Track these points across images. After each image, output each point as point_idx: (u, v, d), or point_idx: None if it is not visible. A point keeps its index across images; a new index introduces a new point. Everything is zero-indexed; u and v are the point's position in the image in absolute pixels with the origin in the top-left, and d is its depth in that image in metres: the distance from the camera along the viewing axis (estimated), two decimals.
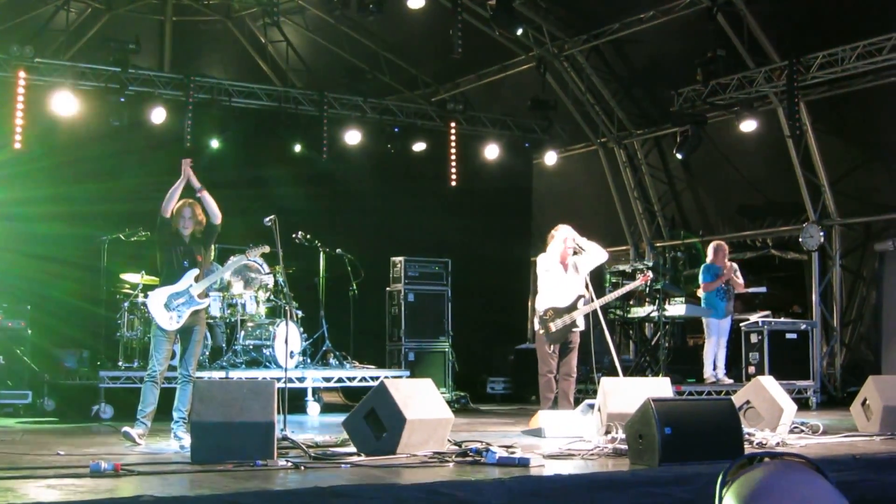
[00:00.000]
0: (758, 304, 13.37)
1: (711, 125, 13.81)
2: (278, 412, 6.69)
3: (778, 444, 7.45)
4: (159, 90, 12.87)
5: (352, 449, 6.82)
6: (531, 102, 14.68)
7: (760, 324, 12.32)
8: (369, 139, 14.31)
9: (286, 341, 9.19)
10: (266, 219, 8.14)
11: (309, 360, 11.96)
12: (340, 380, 11.76)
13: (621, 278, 13.24)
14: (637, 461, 6.29)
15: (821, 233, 13.42)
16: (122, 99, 12.34)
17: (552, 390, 9.20)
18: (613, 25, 14.01)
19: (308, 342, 11.96)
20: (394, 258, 13.11)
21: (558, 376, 9.26)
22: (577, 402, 9.03)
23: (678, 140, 13.80)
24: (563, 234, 9.43)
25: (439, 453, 6.63)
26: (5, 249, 11.74)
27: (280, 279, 11.23)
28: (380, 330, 13.11)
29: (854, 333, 13.69)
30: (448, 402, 8.54)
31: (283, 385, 7.83)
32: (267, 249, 8.41)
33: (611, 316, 12.83)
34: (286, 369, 8.93)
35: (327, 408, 11.77)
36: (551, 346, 9.21)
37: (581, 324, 9.33)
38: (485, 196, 15.27)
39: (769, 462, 2.24)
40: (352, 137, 14.08)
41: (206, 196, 7.90)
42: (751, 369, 12.15)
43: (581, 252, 9.44)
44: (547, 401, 9.16)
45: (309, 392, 11.51)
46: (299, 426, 9.31)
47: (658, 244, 16.02)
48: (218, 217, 7.93)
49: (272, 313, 11.72)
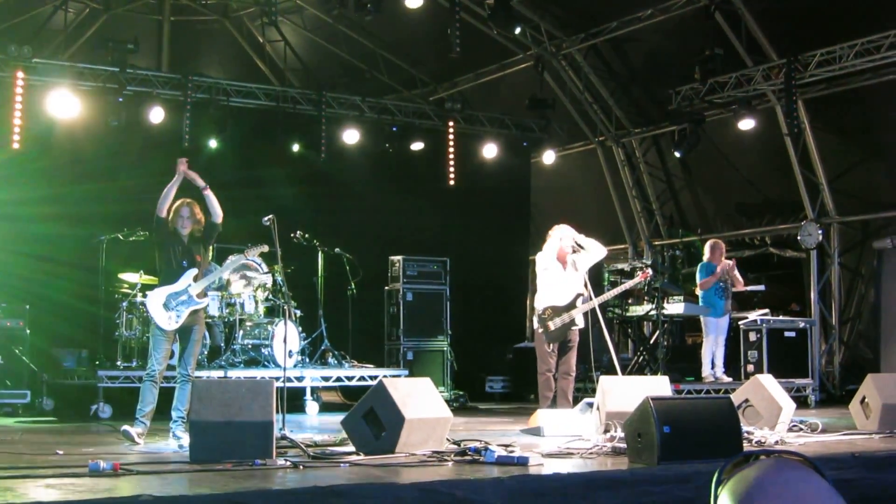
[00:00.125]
0: (756, 303, 13.37)
1: (709, 123, 13.81)
2: (277, 411, 6.68)
3: (777, 443, 7.45)
4: (157, 90, 12.86)
5: (350, 448, 6.81)
6: (529, 101, 14.67)
7: (759, 322, 12.32)
8: (367, 139, 14.29)
9: (285, 341, 9.16)
10: (265, 218, 8.14)
11: (308, 360, 11.96)
12: (339, 379, 11.77)
13: (620, 277, 13.23)
14: (636, 460, 6.29)
15: (819, 231, 13.43)
16: (121, 99, 12.33)
17: (551, 389, 9.20)
18: (611, 24, 14.02)
19: (307, 341, 11.95)
20: (392, 257, 13.10)
21: (557, 375, 9.26)
22: (576, 401, 9.02)
23: (676, 138, 13.81)
24: (560, 233, 9.43)
25: (438, 452, 6.63)
26: (4, 249, 11.72)
27: (279, 278, 11.23)
28: (378, 329, 13.11)
29: (853, 331, 13.70)
30: (447, 401, 8.53)
31: (282, 384, 7.84)
32: (266, 249, 8.41)
33: (609, 314, 12.82)
34: (285, 368, 8.96)
35: (326, 407, 11.77)
36: (550, 345, 9.21)
37: (580, 322, 9.33)
38: (483, 195, 15.27)
39: (765, 460, 2.23)
40: (350, 137, 14.06)
41: (210, 194, 7.91)
42: (749, 368, 12.14)
43: (580, 250, 9.44)
44: (546, 399, 9.16)
45: (308, 391, 11.51)
46: (298, 425, 9.30)
47: (656, 243, 16.02)
48: (219, 216, 7.93)
49: (271, 313, 11.72)
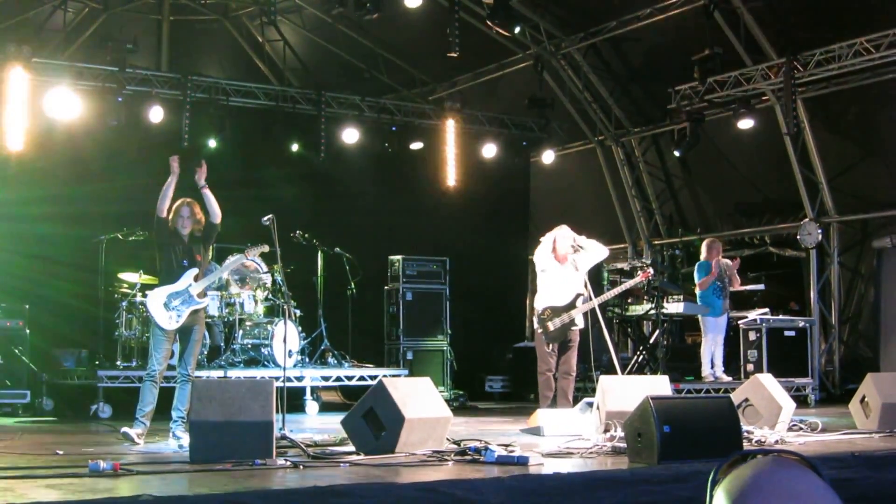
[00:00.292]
0: (756, 302, 13.37)
1: (709, 123, 13.80)
2: (277, 411, 6.69)
3: (777, 442, 7.45)
4: (157, 89, 12.86)
5: (350, 448, 6.82)
6: (528, 101, 14.65)
7: (759, 321, 12.31)
8: (367, 138, 14.29)
9: (284, 340, 9.17)
10: (264, 218, 8.14)
11: (307, 360, 11.96)
12: (339, 379, 11.77)
13: (620, 276, 13.24)
14: (636, 459, 6.29)
15: (819, 230, 13.43)
16: (120, 98, 12.31)
17: (551, 389, 9.20)
18: (610, 23, 14.01)
19: (306, 341, 11.95)
20: (392, 257, 13.10)
21: (557, 374, 9.25)
22: (576, 401, 9.02)
23: (676, 138, 13.80)
24: (555, 233, 9.41)
25: (438, 452, 6.63)
26: (3, 249, 11.71)
27: (278, 278, 11.23)
28: (378, 329, 13.11)
29: (852, 330, 13.69)
30: (446, 401, 8.53)
31: (282, 384, 7.84)
32: (266, 248, 8.40)
33: (609, 314, 12.82)
34: (284, 368, 8.96)
35: (326, 407, 11.76)
36: (549, 345, 9.20)
37: (580, 322, 9.32)
38: (483, 195, 15.27)
39: (761, 458, 2.23)
40: (349, 136, 14.05)
41: (209, 193, 7.90)
42: (749, 367, 12.14)
43: (580, 250, 9.42)
44: (546, 399, 9.15)
45: (307, 391, 11.51)
46: (298, 425, 9.30)
47: (656, 242, 16.02)
48: (218, 216, 7.92)
49: (270, 312, 11.72)
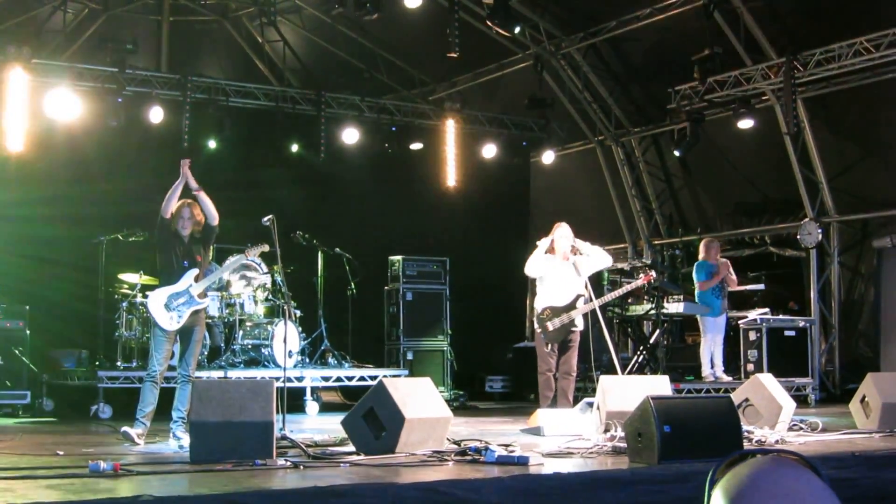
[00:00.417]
0: (756, 302, 13.37)
1: (709, 123, 13.80)
2: (277, 412, 6.69)
3: (777, 442, 7.45)
4: (157, 90, 12.86)
5: (351, 448, 6.82)
6: (528, 101, 14.65)
7: (759, 321, 12.31)
8: (367, 138, 14.29)
9: (285, 341, 9.16)
10: (264, 218, 8.14)
11: (307, 360, 11.95)
12: (339, 379, 11.76)
13: (620, 276, 13.24)
14: (636, 459, 6.29)
15: (819, 230, 13.43)
16: (120, 99, 12.31)
17: (551, 389, 9.19)
18: (610, 23, 14.01)
19: (306, 341, 11.95)
20: (392, 257, 13.09)
21: (557, 374, 9.25)
22: (576, 401, 9.02)
23: (676, 137, 13.80)
24: (554, 233, 9.40)
25: (438, 452, 6.62)
26: (3, 250, 11.72)
27: (278, 279, 11.22)
28: (378, 329, 13.10)
29: (852, 330, 13.69)
30: (447, 401, 8.52)
31: (282, 384, 7.83)
32: (266, 248, 8.40)
33: (609, 314, 12.82)
34: (285, 369, 8.95)
35: (326, 407, 11.76)
36: (548, 345, 9.20)
37: (580, 324, 9.31)
38: (482, 195, 15.27)
39: (759, 458, 2.23)
40: (349, 137, 14.06)
41: (203, 196, 7.89)
42: (749, 367, 12.14)
43: (578, 251, 9.39)
44: (546, 399, 9.15)
45: (308, 391, 11.50)
46: (298, 426, 9.30)
47: (656, 242, 16.02)
48: (215, 218, 7.92)
49: (271, 313, 11.72)
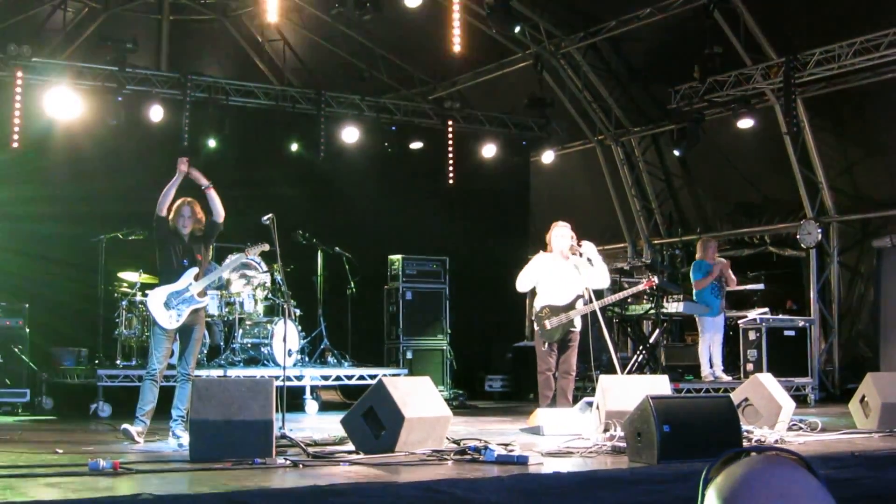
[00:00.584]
0: (756, 302, 13.37)
1: (709, 122, 13.80)
2: (277, 410, 6.69)
3: (776, 442, 7.45)
4: (156, 89, 12.85)
5: (350, 447, 6.82)
6: (528, 100, 14.64)
7: (759, 321, 12.31)
8: (367, 138, 14.27)
9: (284, 340, 9.15)
10: (264, 217, 8.14)
11: (307, 359, 11.95)
12: (339, 378, 11.77)
13: (620, 276, 13.23)
14: (636, 459, 6.29)
15: (818, 230, 13.43)
16: (120, 98, 12.31)
17: (551, 388, 9.19)
18: (610, 23, 14.01)
19: (306, 340, 11.95)
20: (391, 256, 13.10)
21: (557, 374, 9.24)
22: (576, 400, 9.02)
23: (675, 137, 13.80)
24: (553, 232, 9.39)
25: (438, 451, 6.63)
26: (3, 249, 11.71)
27: (278, 277, 11.22)
28: (378, 328, 13.10)
29: (852, 330, 13.70)
30: (446, 400, 8.52)
31: (282, 383, 7.84)
32: (266, 247, 8.40)
33: (609, 314, 12.81)
34: (284, 367, 8.96)
35: (325, 406, 11.76)
36: (546, 344, 9.19)
37: (579, 324, 9.29)
38: (482, 194, 15.26)
39: (753, 457, 2.21)
40: (349, 136, 14.05)
41: (213, 193, 7.91)
42: (749, 366, 12.14)
43: (578, 250, 9.36)
44: (545, 398, 9.14)
45: (307, 390, 11.50)
46: (297, 424, 9.30)
47: (656, 242, 16.02)
48: (221, 215, 7.94)
49: (270, 312, 11.72)
